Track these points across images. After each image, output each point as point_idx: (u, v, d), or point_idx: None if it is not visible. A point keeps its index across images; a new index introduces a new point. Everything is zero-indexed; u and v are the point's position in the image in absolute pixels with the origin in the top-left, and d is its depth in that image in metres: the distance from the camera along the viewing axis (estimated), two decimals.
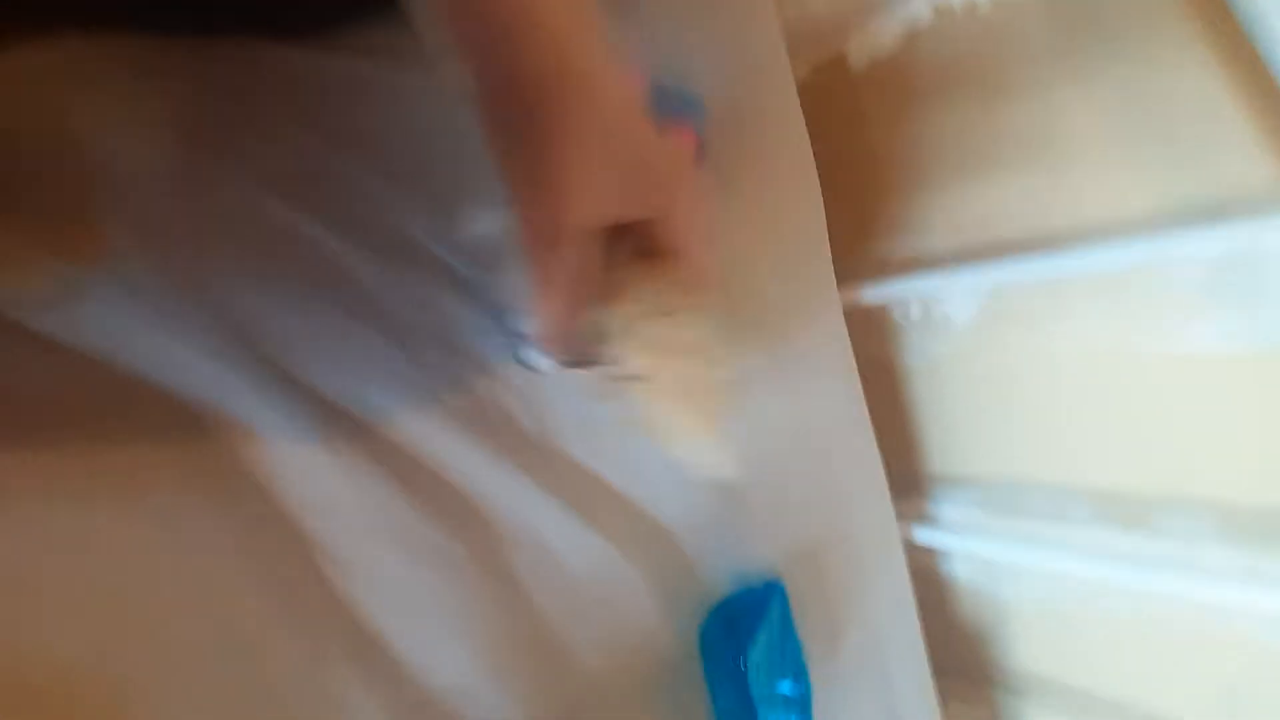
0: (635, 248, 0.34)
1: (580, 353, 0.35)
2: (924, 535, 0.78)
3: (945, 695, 0.75)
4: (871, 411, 0.67)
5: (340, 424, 0.39)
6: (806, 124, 0.61)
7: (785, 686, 0.49)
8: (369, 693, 0.39)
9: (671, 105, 0.45)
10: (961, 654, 0.81)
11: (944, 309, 0.73)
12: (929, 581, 0.81)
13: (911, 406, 0.79)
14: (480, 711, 0.43)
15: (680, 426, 0.38)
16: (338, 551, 0.39)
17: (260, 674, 0.36)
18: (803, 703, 0.50)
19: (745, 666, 0.48)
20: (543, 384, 0.46)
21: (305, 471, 0.38)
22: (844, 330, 0.65)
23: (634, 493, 0.51)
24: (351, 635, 0.39)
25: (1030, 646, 0.80)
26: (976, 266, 0.68)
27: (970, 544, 0.76)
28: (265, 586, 0.37)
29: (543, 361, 0.41)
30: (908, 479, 0.79)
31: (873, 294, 0.73)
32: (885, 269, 0.74)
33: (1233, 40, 0.53)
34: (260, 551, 0.37)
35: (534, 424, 0.47)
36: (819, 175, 0.62)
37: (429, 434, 0.42)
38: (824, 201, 0.62)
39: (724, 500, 0.55)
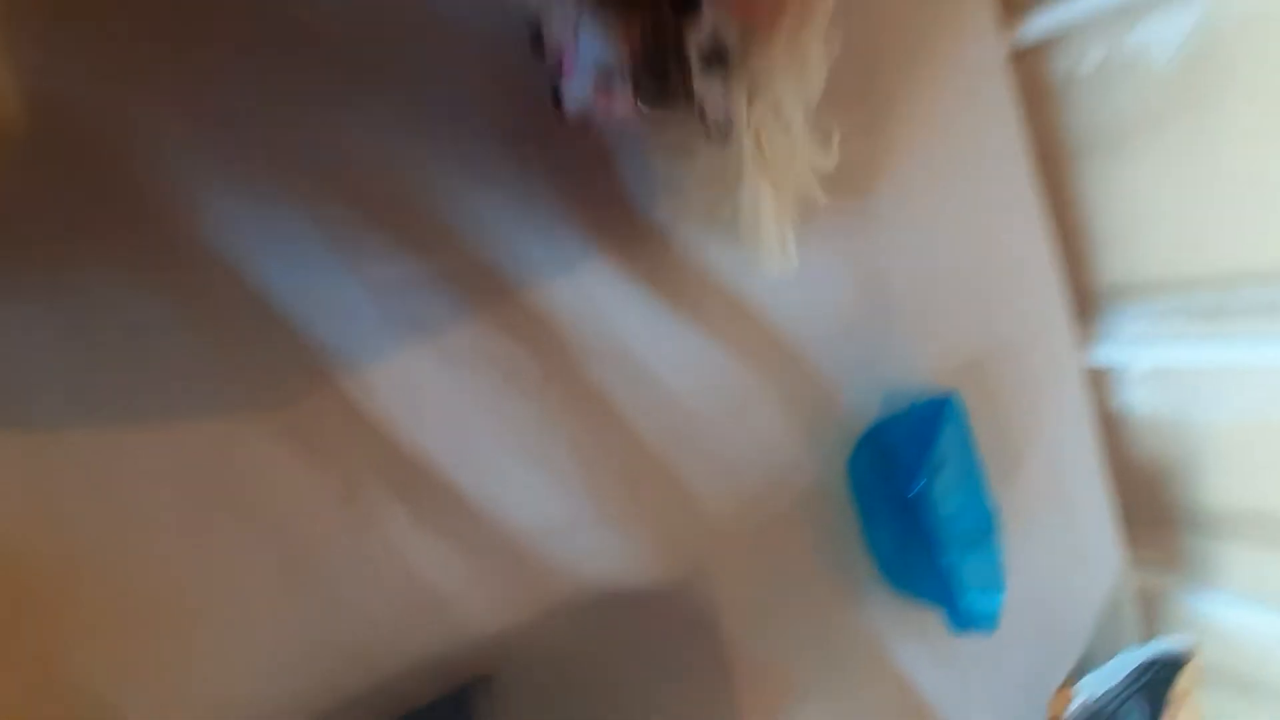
0: None
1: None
2: (1103, 351, 0.63)
3: (1128, 540, 0.63)
4: None
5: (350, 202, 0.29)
6: None
7: (968, 516, 0.38)
8: (420, 530, 0.32)
9: None
10: (1142, 493, 0.69)
11: (1136, 44, 0.54)
12: (1101, 414, 0.67)
13: (1082, 195, 0.62)
14: (580, 553, 0.35)
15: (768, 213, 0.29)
16: (359, 368, 0.30)
17: (273, 515, 0.29)
18: (989, 535, 0.39)
19: (919, 492, 0.37)
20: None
21: (301, 262, 0.29)
22: (1008, 84, 0.49)
23: (761, 297, 0.39)
24: (388, 467, 0.31)
25: (1224, 477, 0.66)
26: None
27: (1161, 356, 0.61)
28: (268, 415, 0.29)
29: (580, 92, 0.28)
30: (1081, 288, 0.64)
31: (1038, 28, 0.54)
32: None
33: None
34: (256, 375, 0.29)
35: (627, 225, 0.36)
36: None
37: (495, 223, 0.32)
38: None
39: (872, 302, 0.43)
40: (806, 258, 0.40)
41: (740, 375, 0.39)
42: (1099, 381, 0.67)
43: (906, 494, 0.37)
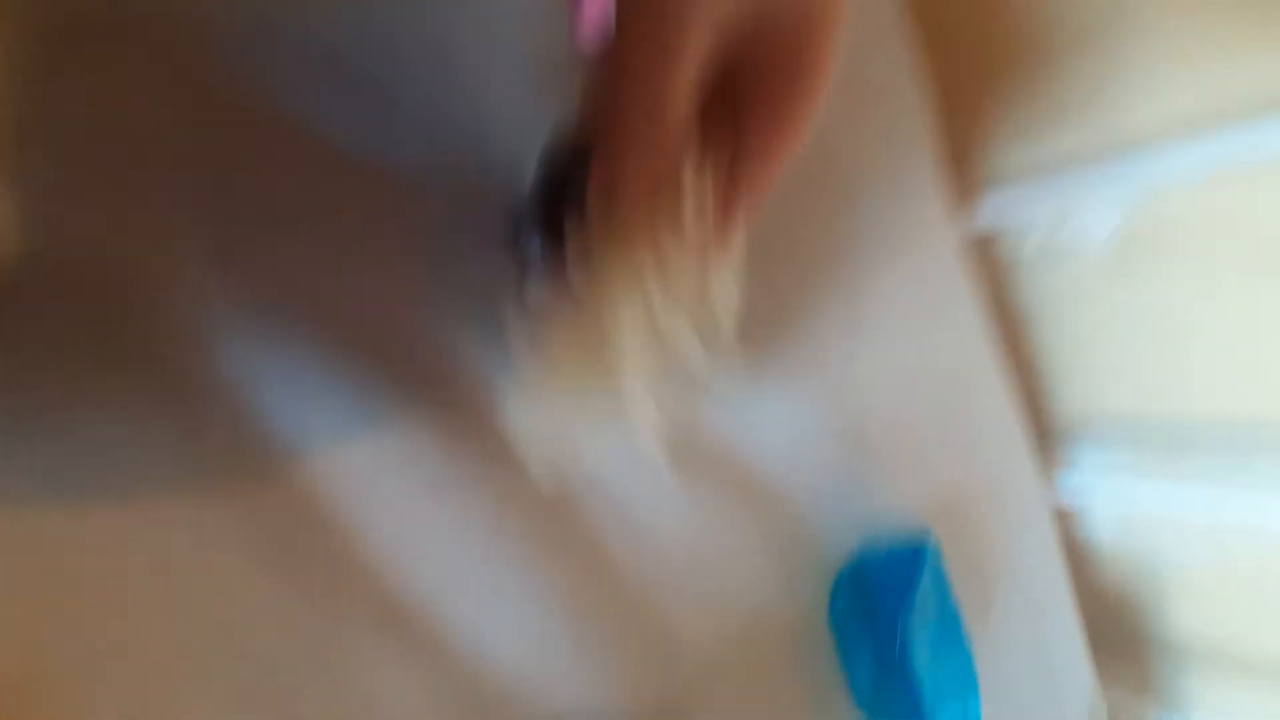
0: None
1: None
2: (1065, 487, 0.66)
3: (1096, 672, 0.64)
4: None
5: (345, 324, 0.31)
6: None
7: (948, 660, 0.40)
8: (405, 671, 0.32)
9: None
10: (1109, 625, 0.70)
11: (1075, 226, 0.61)
12: (1067, 547, 0.70)
13: (1035, 342, 0.68)
14: (559, 695, 0.35)
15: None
16: (349, 500, 0.31)
17: (255, 653, 0.29)
18: (968, 677, 0.40)
19: (897, 638, 0.39)
20: None
21: (302, 396, 0.30)
22: (958, 246, 0.55)
23: (738, 444, 0.42)
24: (377, 603, 0.31)
25: (1192, 611, 0.68)
26: (1118, 166, 0.57)
27: (1123, 492, 0.65)
28: (256, 549, 0.29)
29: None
30: (1037, 423, 0.69)
31: (987, 210, 0.62)
32: (1000, 180, 0.63)
33: None
34: (246, 503, 0.29)
35: None
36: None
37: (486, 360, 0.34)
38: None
39: (846, 449, 0.46)
40: (786, 399, 0.44)
41: (720, 512, 0.41)
42: (1065, 514, 0.71)
43: (888, 641, 0.39)
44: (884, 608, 0.41)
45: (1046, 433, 0.69)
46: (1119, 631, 0.71)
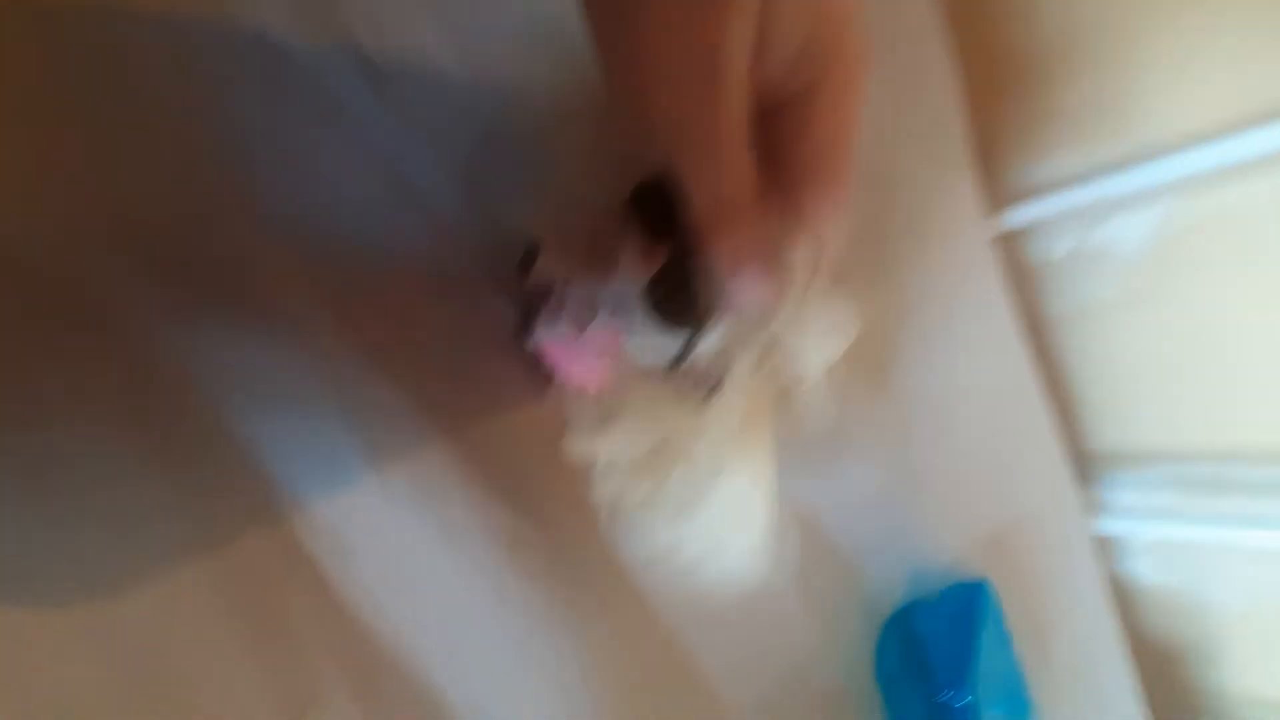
0: None
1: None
2: (1105, 527, 0.62)
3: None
4: None
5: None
6: None
7: (1006, 711, 0.35)
8: None
9: None
10: (1156, 673, 0.65)
11: (1105, 237, 0.59)
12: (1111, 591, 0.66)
13: (1067, 368, 0.65)
14: None
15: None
16: (345, 547, 0.27)
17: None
18: None
19: (956, 689, 0.34)
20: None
21: (298, 435, 0.27)
22: (994, 257, 0.52)
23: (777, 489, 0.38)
24: (359, 672, 0.28)
25: (1245, 658, 0.63)
26: (1145, 173, 0.54)
27: (1165, 532, 0.61)
28: (224, 597, 0.26)
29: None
30: (1076, 457, 0.65)
31: (1014, 220, 0.59)
32: (1025, 192, 0.60)
33: None
34: (216, 543, 0.25)
35: None
36: None
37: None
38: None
39: (892, 486, 0.42)
40: (836, 439, 0.40)
41: (765, 567, 0.37)
42: (1105, 551, 0.66)
43: (951, 703, 0.34)
44: (938, 658, 0.37)
45: (1082, 461, 0.66)
46: (1168, 681, 0.67)
